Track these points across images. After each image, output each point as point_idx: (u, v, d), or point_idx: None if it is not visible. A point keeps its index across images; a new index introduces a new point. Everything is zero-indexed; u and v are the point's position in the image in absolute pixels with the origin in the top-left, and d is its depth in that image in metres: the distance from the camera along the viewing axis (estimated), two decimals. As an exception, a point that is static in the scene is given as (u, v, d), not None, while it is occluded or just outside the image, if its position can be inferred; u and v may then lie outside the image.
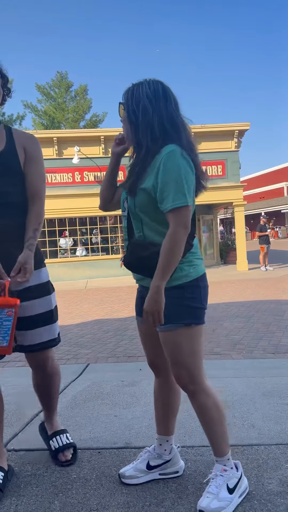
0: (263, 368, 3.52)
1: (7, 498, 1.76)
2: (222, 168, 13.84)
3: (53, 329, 1.94)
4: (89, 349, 4.57)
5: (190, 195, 1.49)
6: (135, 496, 1.73)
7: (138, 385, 3.09)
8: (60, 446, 2.02)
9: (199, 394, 1.63)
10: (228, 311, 6.54)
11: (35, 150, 1.88)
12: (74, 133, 13.74)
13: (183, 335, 1.57)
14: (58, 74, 27.00)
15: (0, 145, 1.80)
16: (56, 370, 2.06)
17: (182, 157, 1.48)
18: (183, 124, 1.57)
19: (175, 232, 1.46)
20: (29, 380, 3.26)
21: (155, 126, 1.51)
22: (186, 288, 1.56)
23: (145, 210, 1.56)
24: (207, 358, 3.98)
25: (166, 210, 1.48)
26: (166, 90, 1.56)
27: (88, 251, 13.89)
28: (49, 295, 1.94)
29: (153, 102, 1.51)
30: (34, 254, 1.82)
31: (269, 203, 40.82)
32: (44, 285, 1.92)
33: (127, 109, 1.56)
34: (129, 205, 1.61)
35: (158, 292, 1.47)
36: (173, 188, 1.45)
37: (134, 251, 1.60)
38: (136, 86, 1.56)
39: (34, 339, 1.88)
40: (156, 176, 1.49)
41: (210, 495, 1.59)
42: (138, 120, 1.53)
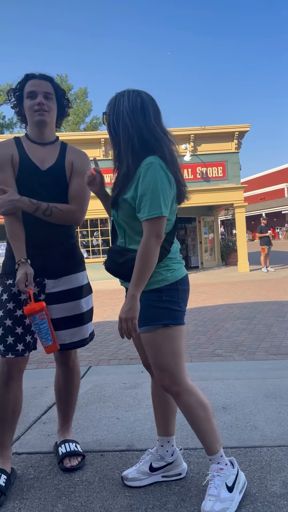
0: (265, 369, 3.51)
1: (10, 501, 1.76)
2: (222, 169, 13.86)
3: (84, 330, 2.03)
4: (91, 351, 4.57)
5: (166, 206, 1.54)
6: (138, 498, 1.72)
7: (140, 387, 3.09)
8: (68, 451, 2.02)
9: (182, 395, 1.65)
10: (229, 312, 6.54)
11: (84, 165, 2.02)
12: (75, 136, 13.77)
13: (162, 336, 1.61)
14: (58, 77, 27.10)
15: (51, 161, 1.96)
16: (78, 369, 2.13)
17: (160, 169, 1.52)
18: (162, 136, 1.60)
19: (147, 241, 1.51)
20: (32, 383, 3.28)
21: (135, 141, 1.56)
22: (163, 291, 1.61)
23: (127, 220, 1.62)
24: (209, 360, 3.98)
25: (142, 219, 1.54)
26: (144, 104, 1.59)
27: (89, 253, 13.90)
28: (81, 299, 2.02)
29: (131, 118, 1.57)
30: (67, 258, 1.98)
31: (269, 204, 40.83)
32: (76, 290, 2.00)
33: (108, 123, 1.62)
34: (112, 214, 1.69)
35: (133, 300, 1.51)
36: (149, 198, 1.51)
37: (111, 257, 1.67)
38: (117, 99, 1.61)
39: (64, 340, 1.97)
40: (136, 187, 1.55)
41: (212, 498, 1.60)
42: (118, 135, 1.60)
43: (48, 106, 1.93)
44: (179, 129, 13.28)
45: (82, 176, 1.95)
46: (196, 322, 5.84)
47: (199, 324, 5.73)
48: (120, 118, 1.58)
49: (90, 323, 2.08)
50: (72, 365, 2.09)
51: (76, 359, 2.12)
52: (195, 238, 16.36)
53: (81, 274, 2.04)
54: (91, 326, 2.10)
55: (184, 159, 13.20)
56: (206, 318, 6.14)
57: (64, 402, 2.13)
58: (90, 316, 2.08)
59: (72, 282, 1.99)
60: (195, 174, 13.72)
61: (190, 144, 13.41)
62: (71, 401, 2.14)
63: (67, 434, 2.15)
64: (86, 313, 2.04)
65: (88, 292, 2.09)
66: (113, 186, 1.66)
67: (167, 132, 1.64)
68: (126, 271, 1.59)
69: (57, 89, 1.99)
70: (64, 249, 1.98)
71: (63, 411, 2.14)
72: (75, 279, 2.00)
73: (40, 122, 1.94)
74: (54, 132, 2.05)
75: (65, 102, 2.05)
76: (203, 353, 4.24)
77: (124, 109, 1.57)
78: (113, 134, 1.62)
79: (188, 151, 13.21)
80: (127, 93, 1.61)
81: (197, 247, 16.20)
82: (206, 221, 16.21)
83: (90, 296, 2.09)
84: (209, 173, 13.80)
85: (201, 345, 4.56)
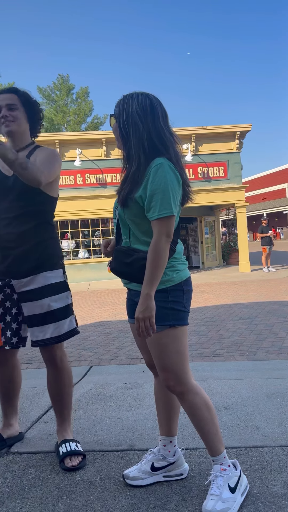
0: (266, 369, 3.51)
1: (11, 500, 1.76)
2: (224, 169, 13.85)
3: (59, 328, 2.05)
4: (92, 351, 4.57)
5: (175, 206, 1.57)
6: (139, 498, 1.72)
7: (141, 387, 3.09)
8: (68, 450, 2.03)
9: (187, 394, 1.66)
10: (230, 312, 6.54)
11: (40, 153, 2.06)
12: (76, 136, 13.78)
13: (168, 336, 1.62)
14: (60, 77, 27.12)
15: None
16: (66, 367, 2.14)
17: (170, 169, 1.55)
18: (170, 139, 1.63)
19: (158, 240, 1.53)
20: (33, 382, 3.28)
21: (145, 141, 1.58)
22: (169, 292, 1.63)
23: (134, 219, 1.63)
24: (210, 359, 3.98)
25: (152, 219, 1.55)
26: (153, 106, 1.61)
27: (90, 253, 13.90)
28: (50, 297, 2.04)
29: (142, 118, 1.58)
30: (33, 258, 2.04)
31: (271, 204, 40.79)
32: (44, 288, 2.05)
33: (118, 123, 1.63)
34: (119, 213, 1.69)
35: (149, 299, 1.52)
36: (160, 198, 1.53)
37: (118, 257, 1.67)
38: (126, 100, 1.62)
39: (37, 336, 2.05)
40: (145, 187, 1.56)
41: (214, 497, 1.59)
42: (128, 135, 1.60)
43: (12, 116, 2.04)
44: (181, 129, 13.27)
45: (40, 156, 2.02)
46: (198, 322, 5.84)
47: (200, 324, 5.73)
48: (130, 118, 1.59)
49: (66, 320, 2.09)
50: (60, 363, 2.11)
51: (64, 357, 2.13)
52: (196, 238, 16.36)
53: (52, 273, 2.07)
54: (69, 324, 2.10)
55: (185, 159, 13.19)
56: (207, 318, 6.13)
57: (58, 401, 2.14)
58: (64, 313, 2.09)
59: (40, 281, 2.04)
60: (196, 174, 13.72)
61: (191, 144, 13.41)
62: (64, 400, 2.15)
63: (67, 434, 2.15)
64: (58, 310, 2.06)
65: (62, 290, 2.09)
66: (121, 185, 1.66)
67: (173, 133, 1.66)
68: (134, 271, 1.60)
69: (22, 98, 2.08)
70: (30, 249, 2.03)
71: (58, 411, 2.16)
72: (42, 278, 2.04)
73: (8, 132, 2.06)
74: (26, 139, 2.13)
75: (33, 108, 2.12)
76: (204, 353, 4.24)
77: (134, 110, 1.59)
78: (124, 134, 1.62)
79: (190, 151, 13.20)
80: (136, 95, 1.62)
81: (198, 247, 16.20)
82: (207, 221, 16.21)
83: (64, 294, 2.10)
84: (211, 173, 13.79)
85: (202, 345, 4.56)
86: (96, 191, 13.09)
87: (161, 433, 1.88)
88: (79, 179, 13.35)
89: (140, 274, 1.57)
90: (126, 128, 1.60)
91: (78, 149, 12.75)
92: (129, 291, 1.79)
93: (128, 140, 1.61)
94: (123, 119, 1.60)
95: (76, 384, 3.26)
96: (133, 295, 1.75)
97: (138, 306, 1.53)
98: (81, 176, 13.33)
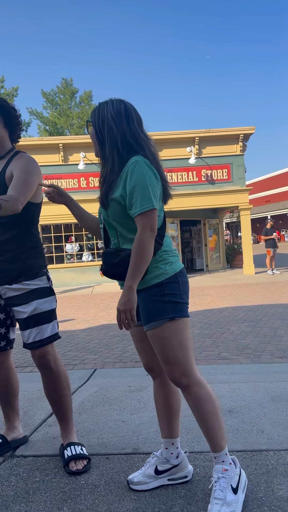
0: (271, 372, 3.49)
1: (16, 504, 1.76)
2: (227, 172, 13.85)
3: (43, 331, 2.07)
4: (96, 354, 4.57)
5: (156, 199, 1.60)
6: (144, 502, 1.72)
7: (145, 390, 3.09)
8: (73, 454, 2.02)
9: (192, 387, 1.66)
10: (235, 315, 6.52)
11: (18, 163, 2.03)
12: (80, 139, 13.81)
13: (169, 330, 1.63)
14: (63, 81, 27.24)
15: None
16: (61, 370, 2.13)
17: (146, 165, 1.59)
18: (145, 140, 1.69)
19: (142, 234, 1.56)
20: (37, 385, 3.28)
21: (119, 142, 1.64)
22: (165, 285, 1.64)
23: (117, 219, 1.66)
24: (214, 362, 3.97)
25: (135, 215, 1.58)
26: (128, 110, 1.68)
27: (94, 256, 13.92)
28: (31, 302, 2.05)
29: (117, 122, 1.65)
30: (13, 267, 2.05)
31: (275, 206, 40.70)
32: (24, 295, 2.06)
33: (94, 127, 1.69)
34: (103, 216, 1.73)
35: (130, 291, 1.54)
36: (140, 193, 1.56)
37: (106, 259, 1.70)
38: (101, 106, 1.69)
39: (27, 339, 2.08)
40: (124, 185, 1.60)
41: (219, 501, 1.59)
42: (104, 138, 1.66)
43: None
44: (184, 131, 13.30)
45: (18, 170, 1.99)
46: (202, 325, 5.83)
47: (205, 327, 5.72)
48: (106, 121, 1.65)
49: (49, 325, 2.09)
50: (55, 367, 2.10)
51: (58, 360, 2.12)
52: (200, 240, 16.34)
53: (35, 281, 2.08)
54: (52, 328, 2.10)
55: (189, 161, 13.22)
56: (212, 321, 6.12)
57: (59, 405, 2.13)
58: (47, 318, 2.08)
59: (20, 288, 2.04)
60: (200, 177, 13.72)
61: (195, 146, 13.42)
62: (66, 403, 2.14)
63: (71, 437, 2.15)
64: (39, 315, 2.06)
65: (43, 295, 2.08)
66: (100, 185, 1.72)
67: (149, 137, 1.72)
68: (122, 270, 1.62)
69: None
70: (11, 259, 2.05)
71: (61, 414, 2.15)
72: (26, 285, 2.05)
73: None
74: (6, 145, 2.13)
75: (10, 113, 2.12)
76: (209, 356, 4.22)
77: (109, 114, 1.66)
78: (100, 137, 1.68)
79: (193, 153, 13.22)
80: (111, 101, 1.69)
81: (202, 250, 16.18)
82: (211, 224, 16.19)
83: (47, 299, 2.09)
84: (214, 175, 13.79)
85: (206, 348, 4.54)
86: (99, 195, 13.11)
87: (162, 436, 1.87)
88: (83, 183, 13.39)
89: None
90: (101, 132, 1.66)
91: (82, 153, 12.79)
92: None
93: (104, 143, 1.67)
94: (99, 124, 1.67)
95: (80, 387, 3.26)
96: None
97: (120, 298, 1.55)
98: (85, 179, 13.37)
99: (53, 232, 13.34)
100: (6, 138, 2.14)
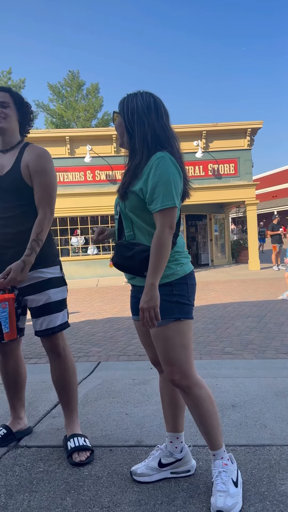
0: (275, 368, 3.49)
1: (19, 493, 1.78)
2: (234, 166, 13.76)
3: (54, 320, 2.13)
4: (100, 347, 4.58)
5: (177, 197, 1.59)
6: (147, 494, 1.73)
7: (149, 383, 3.10)
8: (76, 446, 2.05)
9: (192, 388, 1.66)
10: (240, 310, 6.51)
11: (38, 164, 2.08)
12: (86, 132, 13.78)
13: (173, 330, 1.63)
14: (70, 73, 27.14)
15: (8, 166, 2.10)
16: (69, 357, 2.20)
17: (171, 162, 1.58)
18: (173, 135, 1.68)
19: (161, 232, 1.55)
20: (42, 377, 3.31)
21: (148, 136, 1.62)
22: (174, 285, 1.64)
23: (135, 211, 1.65)
24: (218, 357, 3.97)
25: (155, 211, 1.57)
26: (157, 104, 1.67)
27: (99, 250, 13.94)
28: (47, 291, 2.12)
29: (146, 114, 1.63)
30: (40, 257, 2.09)
31: (281, 202, 40.45)
32: (40, 283, 2.12)
33: (124, 118, 1.67)
34: (120, 208, 1.71)
35: (153, 289, 1.53)
36: (162, 190, 1.55)
37: (119, 251, 1.69)
38: (130, 98, 1.67)
39: (39, 326, 2.14)
40: (146, 179, 1.59)
41: (222, 493, 1.60)
42: (134, 130, 1.65)
43: (4, 113, 2.10)
44: (191, 125, 13.21)
45: (41, 175, 2.06)
46: (206, 320, 5.83)
47: (209, 322, 5.72)
48: (135, 113, 1.63)
49: (59, 314, 2.16)
50: (63, 353, 2.17)
51: (66, 347, 2.19)
52: (205, 235, 16.30)
53: (50, 269, 2.14)
54: (62, 317, 2.17)
55: (195, 155, 13.14)
56: (216, 316, 6.12)
57: (65, 391, 2.18)
58: (59, 307, 2.16)
59: (37, 277, 2.10)
60: (206, 171, 13.65)
61: (202, 140, 13.33)
62: (72, 389, 2.19)
63: (75, 428, 2.17)
64: (52, 303, 2.13)
65: (57, 285, 2.16)
66: (123, 178, 1.69)
67: (175, 133, 1.71)
68: (135, 264, 1.62)
69: (15, 97, 2.15)
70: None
71: (66, 401, 2.20)
72: (40, 274, 2.11)
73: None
74: (16, 137, 2.18)
75: (25, 108, 2.19)
76: (213, 350, 4.23)
77: (139, 106, 1.63)
78: (129, 129, 1.66)
79: (200, 147, 13.14)
80: (140, 93, 1.68)
81: (208, 245, 16.14)
82: (217, 219, 16.13)
83: (60, 289, 2.17)
84: (221, 170, 13.71)
85: (210, 343, 4.55)
86: (105, 188, 13.09)
87: (167, 430, 1.88)
88: (89, 176, 13.37)
89: (142, 267, 1.59)
90: (131, 124, 1.64)
91: (88, 146, 12.76)
92: (133, 288, 1.80)
93: (133, 135, 1.65)
94: (128, 116, 1.65)
95: (85, 379, 3.28)
96: (137, 291, 1.75)
97: (143, 297, 1.53)
98: (91, 172, 13.34)
99: (59, 225, 13.35)
100: (17, 131, 2.19)
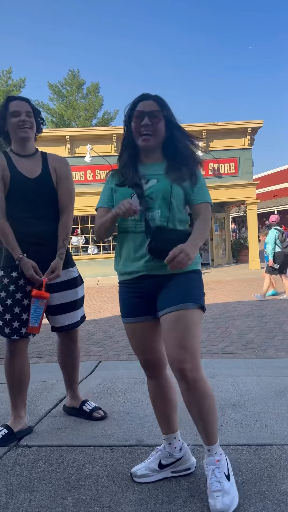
0: (275, 367, 3.49)
1: (20, 493, 1.78)
2: (234, 165, 13.76)
3: (78, 314, 2.45)
4: (101, 346, 4.59)
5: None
6: (147, 493, 1.73)
7: (149, 383, 3.09)
8: (93, 407, 2.50)
9: (199, 381, 1.63)
10: (240, 310, 6.51)
11: (65, 170, 2.36)
12: (86, 131, 13.79)
13: (196, 316, 1.68)
14: (70, 72, 27.11)
15: (37, 170, 2.29)
16: (79, 341, 2.53)
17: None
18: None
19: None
20: (42, 376, 3.31)
21: (181, 129, 1.82)
22: (199, 274, 1.79)
23: (178, 198, 1.75)
24: (219, 357, 3.97)
25: (199, 202, 1.76)
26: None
27: (99, 249, 13.95)
28: (75, 288, 2.41)
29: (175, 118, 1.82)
30: (65, 257, 2.33)
31: (282, 201, 40.41)
32: (70, 281, 2.39)
33: (167, 112, 1.78)
34: (164, 189, 1.72)
35: (197, 248, 1.64)
36: (205, 188, 1.82)
37: (163, 235, 1.67)
38: (161, 98, 1.79)
39: (62, 322, 2.40)
40: (190, 177, 1.77)
41: (219, 493, 1.59)
42: (173, 122, 1.79)
43: (31, 123, 2.26)
44: (191, 124, 13.21)
45: (65, 181, 2.34)
46: (206, 319, 5.83)
47: (209, 321, 5.72)
48: (169, 108, 1.79)
49: (81, 309, 2.49)
50: (76, 338, 2.50)
51: (77, 333, 2.51)
52: (206, 234, 16.28)
53: (73, 268, 2.43)
54: (82, 311, 2.51)
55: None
56: (217, 315, 6.12)
57: (72, 368, 2.50)
58: (81, 302, 2.48)
59: (65, 275, 2.34)
60: (207, 171, 13.64)
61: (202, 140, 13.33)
62: (77, 366, 2.53)
63: (81, 397, 2.56)
64: (78, 300, 2.43)
65: (80, 283, 2.46)
66: (169, 164, 1.79)
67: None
68: (172, 247, 1.57)
69: (33, 108, 2.31)
70: (55, 247, 2.30)
71: (71, 378, 2.53)
72: (68, 272, 2.37)
73: (24, 138, 2.25)
74: (33, 144, 2.36)
75: (39, 120, 2.36)
76: (213, 350, 4.23)
77: (169, 108, 1.79)
78: (173, 120, 1.79)
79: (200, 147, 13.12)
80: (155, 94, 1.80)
81: (208, 244, 16.13)
82: (217, 218, 16.13)
83: (81, 286, 2.47)
84: (221, 169, 13.71)
85: (211, 342, 4.55)
86: (106, 187, 13.10)
87: (163, 432, 1.87)
88: (89, 175, 13.37)
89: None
90: (172, 116, 1.79)
91: (89, 145, 12.76)
92: (147, 280, 1.72)
93: (174, 126, 1.79)
94: (169, 109, 1.78)
95: (85, 379, 3.28)
96: (151, 285, 1.72)
97: (190, 248, 1.57)
98: (91, 172, 13.35)
99: (59, 225, 13.36)
100: (33, 139, 2.36)
